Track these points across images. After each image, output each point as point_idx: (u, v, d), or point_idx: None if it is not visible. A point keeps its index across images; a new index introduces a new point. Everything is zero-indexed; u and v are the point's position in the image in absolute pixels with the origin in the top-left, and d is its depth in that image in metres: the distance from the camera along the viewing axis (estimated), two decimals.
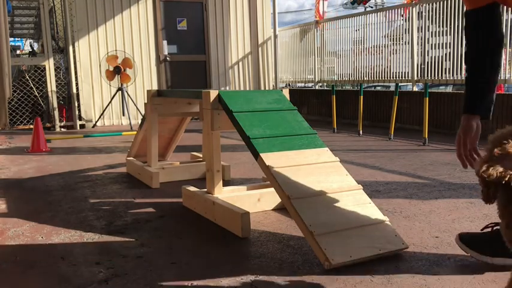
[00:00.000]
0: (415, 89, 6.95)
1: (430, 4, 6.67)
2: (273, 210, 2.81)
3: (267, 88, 9.24)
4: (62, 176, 3.97)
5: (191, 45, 8.77)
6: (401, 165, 4.07)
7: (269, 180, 2.28)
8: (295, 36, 9.71)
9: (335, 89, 6.85)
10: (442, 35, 6.63)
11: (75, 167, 4.36)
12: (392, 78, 7.37)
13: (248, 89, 9.08)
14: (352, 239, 1.98)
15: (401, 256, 2.02)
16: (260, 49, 9.27)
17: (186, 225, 2.60)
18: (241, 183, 3.32)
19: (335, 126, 6.62)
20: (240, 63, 9.15)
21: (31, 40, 11.29)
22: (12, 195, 3.34)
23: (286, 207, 2.20)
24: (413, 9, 6.93)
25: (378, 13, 7.76)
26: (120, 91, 7.60)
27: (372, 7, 21.06)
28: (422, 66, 6.91)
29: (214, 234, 2.42)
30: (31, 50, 10.18)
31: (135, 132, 4.25)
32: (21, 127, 7.67)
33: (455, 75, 6.34)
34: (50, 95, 7.64)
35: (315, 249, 1.95)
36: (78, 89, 7.82)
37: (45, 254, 2.18)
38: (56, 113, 7.68)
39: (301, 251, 2.13)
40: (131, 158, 4.07)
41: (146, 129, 3.77)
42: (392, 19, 7.48)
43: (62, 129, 7.77)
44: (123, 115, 8.01)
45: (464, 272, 1.85)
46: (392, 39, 7.52)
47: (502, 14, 1.85)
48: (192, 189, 2.90)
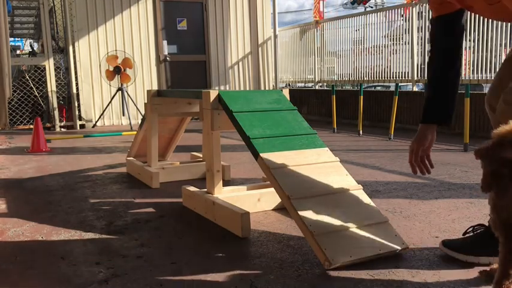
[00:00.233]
0: (415, 89, 6.95)
1: None
2: (273, 210, 2.81)
3: (267, 88, 9.24)
4: (62, 176, 3.97)
5: (191, 45, 8.77)
6: (401, 165, 4.07)
7: (269, 180, 2.28)
8: (295, 36, 9.71)
9: (335, 89, 6.85)
10: None
11: (75, 167, 4.36)
12: (392, 78, 7.36)
13: (248, 89, 9.08)
14: (352, 239, 1.98)
15: (401, 256, 2.02)
16: (260, 49, 9.27)
17: (186, 225, 2.60)
18: (241, 183, 3.32)
19: (335, 126, 6.62)
20: (240, 63, 9.15)
21: (31, 40, 11.29)
22: (12, 195, 3.34)
23: (286, 207, 2.20)
24: (413, 9, 6.93)
25: (378, 13, 7.76)
26: (120, 91, 7.60)
27: (372, 7, 21.05)
28: (422, 66, 6.91)
29: (214, 234, 2.42)
30: (31, 50, 10.17)
31: (135, 132, 4.25)
32: (21, 127, 7.67)
33: None
34: (50, 95, 7.64)
35: (315, 249, 1.95)
36: (78, 89, 7.82)
37: (45, 254, 2.18)
38: (56, 113, 7.68)
39: (301, 251, 2.13)
40: (131, 158, 4.07)
41: (146, 129, 3.77)
42: (392, 19, 7.48)
43: (62, 129, 7.77)
44: (123, 115, 8.01)
45: (464, 272, 1.85)
46: (392, 39, 7.52)
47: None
48: (192, 189, 2.90)
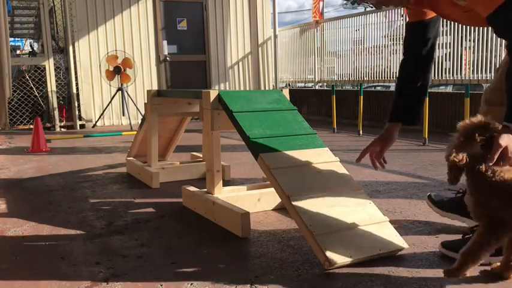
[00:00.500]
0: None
1: None
2: (273, 210, 2.81)
3: (267, 88, 9.24)
4: (62, 176, 3.97)
5: (191, 45, 8.76)
6: (401, 165, 4.07)
7: (269, 180, 2.28)
8: (295, 36, 9.71)
9: (335, 89, 6.85)
10: (442, 35, 6.63)
11: (75, 167, 4.36)
12: (392, 78, 7.36)
13: (248, 89, 9.08)
14: (352, 239, 1.98)
15: (401, 256, 2.02)
16: (260, 49, 9.27)
17: (186, 225, 2.60)
18: (241, 183, 3.32)
19: (335, 126, 6.62)
20: (240, 63, 9.15)
21: (31, 40, 11.29)
22: (12, 195, 3.34)
23: (286, 207, 2.20)
24: None
25: (378, 13, 7.76)
26: (120, 91, 7.60)
27: (372, 7, 21.00)
28: None
29: (214, 234, 2.42)
30: (31, 50, 10.17)
31: (135, 132, 4.25)
32: (21, 127, 7.67)
33: (455, 75, 6.34)
34: (50, 95, 7.64)
35: (315, 249, 1.95)
36: (78, 89, 7.82)
37: (45, 254, 2.18)
38: (56, 113, 7.68)
39: (301, 251, 2.13)
40: (131, 158, 4.07)
41: (146, 129, 3.77)
42: (392, 19, 7.48)
43: (62, 129, 7.77)
44: (123, 115, 8.01)
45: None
46: (392, 39, 7.52)
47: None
48: (192, 189, 2.90)
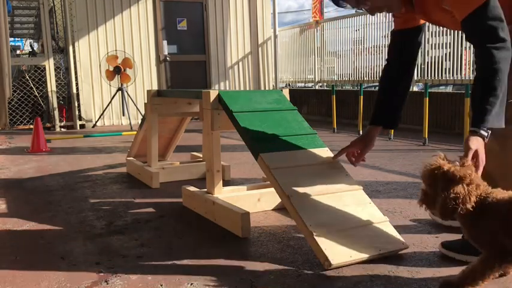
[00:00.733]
0: (415, 89, 6.95)
1: None
2: (273, 210, 2.81)
3: (267, 88, 9.24)
4: (62, 176, 3.97)
5: (191, 45, 8.76)
6: (401, 165, 4.07)
7: (269, 180, 2.28)
8: (295, 36, 9.71)
9: (335, 89, 6.85)
10: (442, 35, 6.63)
11: (75, 167, 4.36)
12: None
13: (248, 89, 9.08)
14: (352, 239, 1.98)
15: (401, 256, 2.02)
16: (260, 49, 9.27)
17: (186, 225, 2.60)
18: (241, 183, 3.32)
19: (335, 126, 6.62)
20: (240, 63, 9.15)
21: (31, 40, 11.28)
22: (12, 195, 3.34)
23: (286, 207, 2.20)
24: None
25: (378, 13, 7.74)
26: (120, 91, 7.60)
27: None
28: (423, 66, 6.91)
29: (214, 234, 2.42)
30: (31, 50, 10.16)
31: (135, 132, 4.25)
32: (21, 127, 7.67)
33: (455, 75, 6.34)
34: (50, 95, 7.64)
35: (315, 249, 1.95)
36: (78, 89, 7.82)
37: (45, 254, 2.18)
38: (56, 113, 7.68)
39: (301, 251, 2.13)
40: (131, 158, 4.07)
41: (146, 129, 3.77)
42: (393, 19, 7.46)
43: (62, 129, 7.77)
44: (123, 115, 8.01)
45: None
46: None
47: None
48: (192, 189, 2.90)
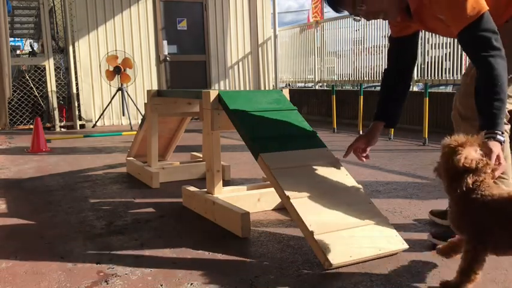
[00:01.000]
0: (415, 89, 6.95)
1: None
2: (273, 210, 2.81)
3: (267, 88, 9.24)
4: (62, 176, 3.97)
5: (191, 45, 8.76)
6: (401, 165, 4.07)
7: (269, 180, 2.28)
8: (295, 36, 9.71)
9: (335, 89, 6.85)
10: None
11: (75, 167, 4.36)
12: None
13: (248, 89, 9.08)
14: (352, 239, 1.98)
15: (401, 256, 2.02)
16: (260, 49, 9.27)
17: (186, 225, 2.60)
18: (241, 183, 3.32)
19: (335, 126, 6.62)
20: (240, 63, 9.15)
21: (31, 40, 11.28)
22: (12, 195, 3.34)
23: (286, 207, 2.20)
24: None
25: None
26: (120, 91, 7.60)
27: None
28: (422, 66, 6.91)
29: (214, 234, 2.42)
30: (31, 50, 10.16)
31: (135, 132, 4.25)
32: (21, 127, 7.67)
33: (455, 75, 6.33)
34: (50, 95, 7.64)
35: (315, 249, 1.95)
36: (78, 89, 7.82)
37: (45, 254, 2.18)
38: (56, 113, 7.68)
39: (301, 251, 2.13)
40: (131, 158, 4.07)
41: (146, 129, 3.77)
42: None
43: (62, 129, 7.77)
44: (123, 115, 8.01)
45: None
46: None
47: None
48: (192, 189, 2.90)
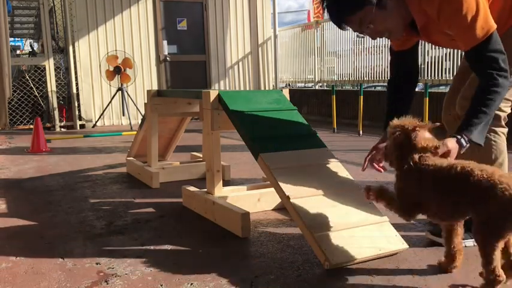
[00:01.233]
0: (415, 89, 6.93)
1: None
2: (273, 210, 2.81)
3: (267, 88, 9.24)
4: (62, 176, 3.97)
5: (191, 45, 8.76)
6: None
7: (269, 180, 2.28)
8: (295, 36, 9.70)
9: (335, 89, 6.85)
10: None
11: (75, 167, 4.36)
12: None
13: (248, 89, 9.08)
14: (352, 239, 1.98)
15: (401, 256, 2.02)
16: (260, 49, 9.26)
17: (186, 225, 2.60)
18: (241, 183, 3.32)
19: (335, 126, 6.61)
20: (240, 63, 9.15)
21: (31, 40, 11.28)
22: (12, 195, 3.34)
23: (286, 207, 2.20)
24: None
25: None
26: (120, 91, 7.60)
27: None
28: (422, 66, 6.91)
29: (214, 234, 2.42)
30: (31, 50, 10.16)
31: (135, 132, 4.25)
32: (21, 127, 7.67)
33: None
34: (50, 95, 7.64)
35: (315, 249, 1.95)
36: (78, 89, 7.82)
37: (45, 254, 2.18)
38: (56, 113, 7.68)
39: (301, 251, 2.13)
40: (131, 158, 4.07)
41: (146, 129, 3.77)
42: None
43: (62, 129, 7.77)
44: (123, 115, 8.01)
45: (465, 272, 1.85)
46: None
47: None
48: (192, 189, 2.90)
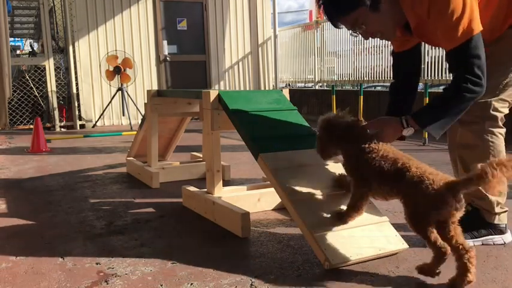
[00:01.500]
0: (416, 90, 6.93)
1: None
2: (273, 210, 2.81)
3: (267, 88, 9.24)
4: (62, 176, 3.97)
5: (191, 45, 8.77)
6: None
7: (269, 180, 2.28)
8: (295, 36, 9.70)
9: (335, 89, 6.85)
10: None
11: (75, 167, 4.36)
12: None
13: (248, 89, 9.08)
14: (352, 239, 1.98)
15: (401, 256, 2.02)
16: (260, 49, 9.27)
17: (186, 225, 2.60)
18: (241, 183, 3.32)
19: None
20: (240, 63, 9.15)
21: (31, 40, 11.28)
22: (12, 195, 3.34)
23: (286, 207, 2.20)
24: None
25: None
26: (120, 91, 7.60)
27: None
28: (422, 66, 6.90)
29: (214, 234, 2.42)
30: (31, 50, 10.16)
31: (135, 132, 4.25)
32: (21, 127, 7.67)
33: None
34: (50, 95, 7.65)
35: (315, 249, 1.95)
36: (78, 89, 7.82)
37: (46, 254, 2.18)
38: (56, 113, 7.68)
39: (301, 251, 2.13)
40: (131, 158, 4.07)
41: (146, 129, 3.77)
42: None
43: (62, 129, 7.77)
44: (123, 115, 8.01)
45: None
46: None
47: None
48: (192, 189, 2.90)
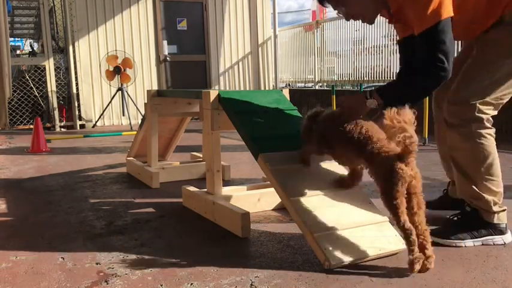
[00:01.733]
0: None
1: None
2: (273, 210, 2.81)
3: (267, 88, 9.24)
4: (62, 176, 3.97)
5: (191, 45, 8.77)
6: None
7: (269, 180, 2.28)
8: (295, 36, 9.70)
9: (335, 89, 6.85)
10: None
11: (75, 167, 4.36)
12: (392, 78, 7.35)
13: (248, 89, 9.08)
14: (352, 239, 1.98)
15: (401, 256, 2.02)
16: (260, 49, 9.27)
17: (186, 225, 2.60)
18: (241, 183, 3.32)
19: None
20: (240, 63, 9.15)
21: (31, 40, 11.28)
22: (12, 195, 3.34)
23: (286, 207, 2.20)
24: None
25: None
26: (120, 91, 7.60)
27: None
28: None
29: (214, 234, 2.42)
30: (31, 50, 10.16)
31: (135, 132, 4.25)
32: (21, 127, 7.67)
33: None
34: (50, 95, 7.65)
35: (315, 249, 1.95)
36: (78, 89, 7.82)
37: (45, 254, 2.18)
38: (56, 113, 7.68)
39: (301, 251, 2.13)
40: (131, 158, 4.07)
41: (146, 129, 3.77)
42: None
43: (62, 129, 7.77)
44: (123, 115, 8.02)
45: (465, 272, 1.85)
46: (392, 39, 7.51)
47: None
48: (192, 189, 2.90)
